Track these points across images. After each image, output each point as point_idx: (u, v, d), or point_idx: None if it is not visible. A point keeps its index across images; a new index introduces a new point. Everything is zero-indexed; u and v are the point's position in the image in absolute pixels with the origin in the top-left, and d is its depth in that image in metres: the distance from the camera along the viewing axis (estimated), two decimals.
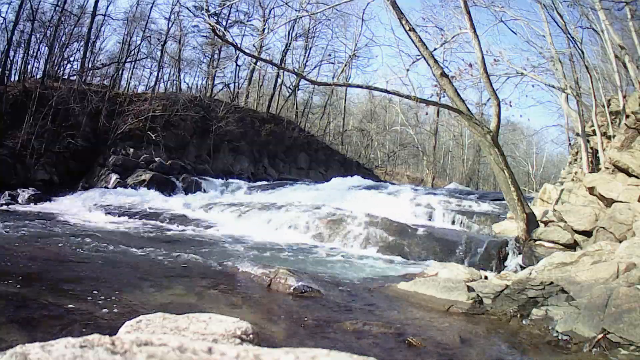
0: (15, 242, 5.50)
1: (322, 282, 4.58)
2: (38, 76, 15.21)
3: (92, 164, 13.76)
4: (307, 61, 25.64)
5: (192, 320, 1.70)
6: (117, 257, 5.12)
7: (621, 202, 6.11)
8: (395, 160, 33.01)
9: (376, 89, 8.99)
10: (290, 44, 23.29)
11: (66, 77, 15.81)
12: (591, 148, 9.18)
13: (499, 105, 7.68)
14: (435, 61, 7.49)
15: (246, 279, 4.41)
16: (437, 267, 5.32)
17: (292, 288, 4.10)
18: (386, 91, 7.80)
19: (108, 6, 18.28)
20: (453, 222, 8.91)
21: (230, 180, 14.96)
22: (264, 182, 15.71)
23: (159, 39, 18.71)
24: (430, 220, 9.15)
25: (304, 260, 6.07)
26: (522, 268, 5.96)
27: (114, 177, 13.03)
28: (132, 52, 18.04)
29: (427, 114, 27.13)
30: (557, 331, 3.41)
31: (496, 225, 8.23)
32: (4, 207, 9.51)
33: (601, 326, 3.17)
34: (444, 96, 11.05)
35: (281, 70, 10.23)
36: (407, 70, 7.99)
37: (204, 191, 13.35)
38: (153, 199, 11.31)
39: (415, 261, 6.66)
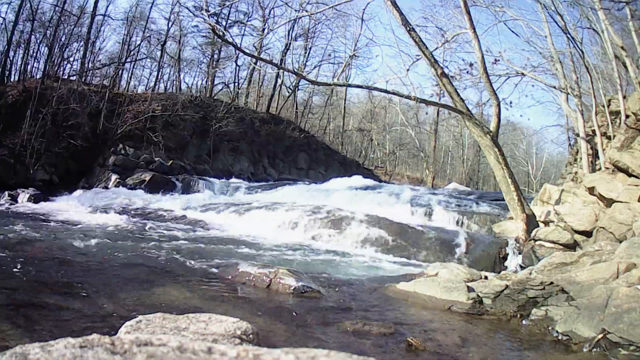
0: (14, 242, 5.50)
1: (322, 282, 4.58)
2: (38, 76, 15.20)
3: (92, 164, 13.76)
4: (307, 61, 25.68)
5: (192, 320, 1.70)
6: (116, 257, 5.11)
7: (621, 202, 6.11)
8: (395, 160, 33.02)
9: (376, 89, 8.99)
10: (290, 44, 23.29)
11: (66, 77, 15.81)
12: (591, 148, 9.17)
13: (499, 105, 7.69)
14: (436, 61, 7.49)
15: (246, 279, 4.41)
16: (437, 267, 5.32)
17: (292, 288, 4.10)
18: (386, 91, 7.80)
19: (108, 6, 18.35)
20: (453, 222, 8.90)
21: (230, 180, 14.95)
22: (264, 182, 15.71)
23: (158, 39, 18.73)
24: (430, 220, 9.14)
25: (304, 260, 6.07)
26: (522, 268, 5.96)
27: (113, 177, 13.03)
28: (132, 52, 18.05)
29: (427, 113, 27.17)
30: (557, 331, 3.41)
31: (496, 225, 8.22)
32: (4, 207, 9.51)
33: (601, 326, 3.17)
34: (444, 96, 11.06)
35: (281, 70, 10.22)
36: (407, 70, 7.98)
37: (204, 191, 13.34)
38: (153, 199, 11.30)
39: (415, 261, 6.66)
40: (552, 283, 4.26)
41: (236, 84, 23.36)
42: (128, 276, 4.31)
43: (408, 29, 7.08)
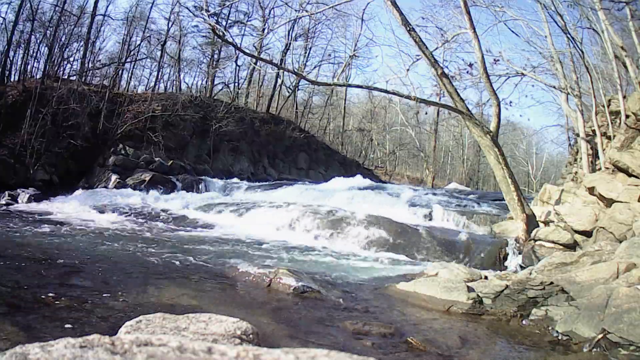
0: (14, 242, 5.50)
1: (322, 282, 4.58)
2: (38, 76, 15.19)
3: (92, 164, 13.75)
4: (307, 61, 25.67)
5: (192, 320, 1.70)
6: (116, 258, 5.11)
7: (621, 202, 6.11)
8: (395, 160, 33.02)
9: (376, 89, 8.99)
10: (290, 44, 23.28)
11: (66, 77, 15.80)
12: (591, 148, 9.17)
13: (498, 105, 7.69)
14: (436, 61, 7.49)
15: (246, 279, 4.41)
16: (437, 267, 5.32)
17: (292, 288, 4.10)
18: (386, 91, 7.80)
19: (108, 6, 18.36)
20: (453, 222, 8.90)
21: (230, 180, 14.94)
22: (264, 182, 15.71)
23: (158, 39, 18.71)
24: (430, 220, 9.14)
25: (304, 260, 6.07)
26: (522, 268, 5.96)
27: (113, 177, 13.02)
28: (132, 52, 18.03)
29: (426, 113, 27.17)
30: (557, 331, 3.41)
31: (496, 225, 8.22)
32: (4, 207, 9.51)
33: (601, 326, 3.17)
34: (444, 96, 11.06)
35: (281, 70, 10.22)
36: (407, 70, 7.98)
37: (204, 191, 13.34)
38: (153, 199, 11.30)
39: (415, 261, 6.66)
40: (552, 283, 4.26)
41: (236, 84, 23.37)
42: (128, 276, 4.31)
43: (408, 29, 7.08)
